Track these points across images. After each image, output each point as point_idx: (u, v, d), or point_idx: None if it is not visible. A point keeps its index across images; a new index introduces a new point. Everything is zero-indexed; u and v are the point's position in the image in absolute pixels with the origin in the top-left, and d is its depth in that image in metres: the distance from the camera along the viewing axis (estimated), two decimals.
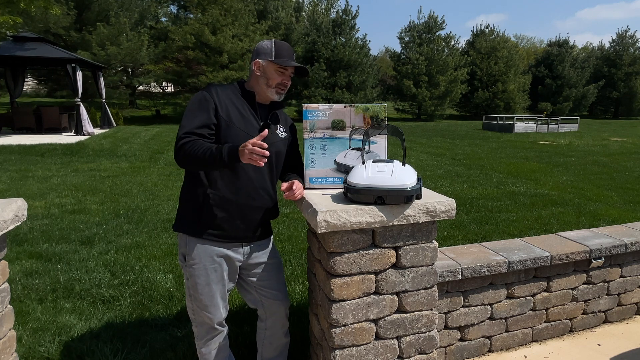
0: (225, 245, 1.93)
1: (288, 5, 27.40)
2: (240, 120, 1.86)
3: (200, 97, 1.84)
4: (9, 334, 1.70)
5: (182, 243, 1.94)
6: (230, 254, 1.95)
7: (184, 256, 1.93)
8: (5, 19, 11.59)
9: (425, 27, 26.86)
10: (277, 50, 1.90)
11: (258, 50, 1.92)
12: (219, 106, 1.83)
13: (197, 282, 1.91)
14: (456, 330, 2.45)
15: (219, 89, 1.89)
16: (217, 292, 1.94)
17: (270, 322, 2.15)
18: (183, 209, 1.94)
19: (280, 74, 1.91)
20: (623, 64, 33.33)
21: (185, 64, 20.33)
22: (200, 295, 1.92)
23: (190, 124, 1.79)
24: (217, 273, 1.93)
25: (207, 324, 1.99)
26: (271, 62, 1.89)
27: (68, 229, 4.77)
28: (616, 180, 8.02)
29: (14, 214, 1.64)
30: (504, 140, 15.26)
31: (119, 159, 9.50)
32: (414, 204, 1.82)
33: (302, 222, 5.10)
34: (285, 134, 2.05)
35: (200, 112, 1.81)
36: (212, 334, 2.03)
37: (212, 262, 1.91)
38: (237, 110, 1.87)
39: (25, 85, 22.88)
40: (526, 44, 61.92)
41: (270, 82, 1.91)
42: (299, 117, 19.97)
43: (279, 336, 2.19)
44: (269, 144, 1.93)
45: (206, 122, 1.80)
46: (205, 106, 1.82)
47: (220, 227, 1.89)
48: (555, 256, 2.52)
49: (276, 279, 2.12)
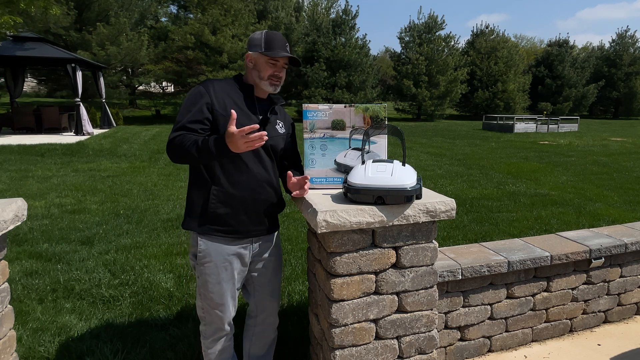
0: (235, 243, 1.92)
1: (288, 5, 27.39)
2: (239, 113, 1.84)
3: (195, 93, 1.84)
4: (9, 334, 1.70)
5: (194, 242, 1.93)
6: (241, 252, 1.95)
7: (195, 255, 1.93)
8: (5, 19, 11.59)
9: (425, 27, 26.86)
10: (268, 41, 1.87)
11: (250, 42, 1.91)
12: (215, 101, 1.82)
13: (208, 280, 1.90)
14: (456, 330, 2.45)
15: (215, 83, 1.87)
16: (228, 290, 1.94)
17: (261, 319, 2.15)
18: (189, 206, 1.94)
19: (271, 65, 1.88)
20: (623, 64, 33.34)
21: (185, 64, 20.35)
22: (210, 293, 1.92)
23: (182, 120, 1.80)
24: (228, 272, 1.92)
25: (215, 324, 1.98)
26: (261, 54, 1.87)
27: (68, 229, 4.77)
28: (616, 180, 8.02)
29: (14, 214, 1.64)
30: (504, 140, 15.26)
31: (119, 159, 9.50)
32: (414, 204, 1.82)
33: (302, 222, 5.10)
34: (285, 130, 2.05)
35: (194, 108, 1.81)
36: (220, 334, 2.02)
37: (223, 261, 1.90)
38: (234, 103, 1.86)
39: (25, 85, 22.90)
40: (526, 44, 61.92)
41: (262, 74, 1.89)
42: (299, 117, 19.97)
43: (268, 333, 2.19)
44: (269, 137, 1.92)
45: (198, 118, 1.80)
46: (199, 101, 1.81)
47: (226, 222, 1.88)
48: (555, 256, 2.52)
49: (275, 276, 2.12)
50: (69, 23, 19.47)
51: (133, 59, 20.44)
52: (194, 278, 3.51)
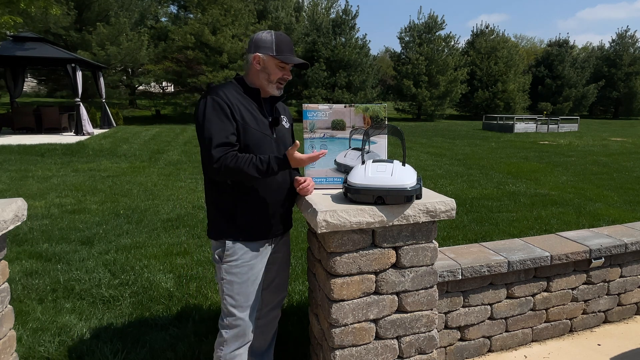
0: (260, 243, 1.92)
1: (288, 5, 27.37)
2: (253, 120, 1.84)
3: (217, 103, 1.77)
4: (9, 334, 1.70)
5: (218, 244, 1.91)
6: (264, 251, 1.95)
7: (220, 257, 1.90)
8: (5, 19, 11.59)
9: (425, 27, 26.85)
10: (278, 44, 1.85)
11: (257, 43, 1.85)
12: (234, 110, 1.79)
13: (234, 280, 1.88)
14: (456, 330, 2.45)
15: (225, 90, 1.83)
16: (252, 292, 1.92)
17: (265, 312, 2.15)
18: (214, 216, 1.91)
19: (281, 69, 1.88)
20: (623, 64, 33.32)
21: (185, 64, 20.33)
22: (237, 295, 1.89)
23: (220, 135, 1.74)
24: (254, 271, 1.92)
25: (239, 327, 1.91)
26: (272, 57, 1.85)
27: (68, 229, 4.77)
28: (616, 180, 8.02)
29: (14, 214, 1.64)
30: (504, 140, 15.26)
31: (119, 159, 9.50)
32: (414, 204, 1.82)
33: (302, 222, 5.09)
34: (288, 124, 2.08)
35: (224, 119, 1.76)
36: (243, 343, 1.95)
37: (248, 260, 1.90)
38: (247, 110, 1.84)
39: (25, 85, 22.88)
40: (526, 44, 61.90)
41: (271, 77, 1.87)
42: (299, 117, 19.97)
43: (271, 326, 2.20)
44: (280, 136, 1.95)
45: (232, 130, 1.77)
46: (225, 112, 1.77)
47: (254, 227, 1.89)
48: (555, 256, 2.52)
49: (284, 272, 2.14)
50: (69, 23, 19.46)
51: (133, 59, 20.43)
52: (194, 278, 3.51)
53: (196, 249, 4.22)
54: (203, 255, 4.03)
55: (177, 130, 16.19)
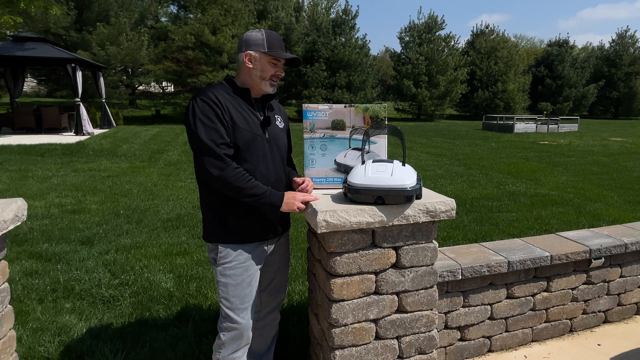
0: (254, 245, 1.92)
1: (288, 5, 27.36)
2: (242, 120, 1.83)
3: (207, 104, 1.76)
4: (9, 334, 1.70)
5: (213, 246, 1.92)
6: (260, 253, 1.95)
7: (215, 260, 1.91)
8: (5, 19, 11.59)
9: (425, 27, 26.87)
10: (270, 41, 1.85)
11: (248, 41, 1.85)
12: (224, 111, 1.79)
13: (228, 282, 1.88)
14: (456, 330, 2.45)
15: (214, 92, 1.82)
16: (249, 294, 1.92)
17: (263, 314, 2.15)
18: (208, 219, 1.91)
19: (273, 65, 1.87)
20: (623, 64, 33.33)
21: (185, 64, 20.33)
22: (232, 297, 1.89)
23: (217, 137, 1.74)
24: (249, 273, 1.91)
25: (237, 330, 1.91)
26: (264, 54, 1.84)
27: (68, 229, 4.77)
28: (616, 180, 8.02)
29: (14, 214, 1.64)
30: (504, 140, 15.26)
31: (119, 159, 9.50)
32: (414, 204, 1.82)
33: (302, 222, 5.09)
34: (283, 123, 2.05)
35: (215, 120, 1.76)
36: (241, 345, 1.95)
37: (242, 262, 1.89)
38: (236, 110, 1.84)
39: (25, 85, 22.91)
40: (526, 44, 61.90)
41: (264, 74, 1.86)
42: (299, 117, 19.97)
43: (270, 328, 2.19)
44: (273, 136, 1.93)
45: (224, 130, 1.77)
46: (216, 113, 1.76)
47: (248, 229, 1.88)
48: (555, 256, 2.52)
49: (282, 274, 2.13)
50: (69, 23, 19.48)
51: (133, 59, 20.44)
52: (194, 278, 3.51)
53: (196, 249, 4.22)
54: (203, 255, 4.03)
55: (177, 130, 16.19)
